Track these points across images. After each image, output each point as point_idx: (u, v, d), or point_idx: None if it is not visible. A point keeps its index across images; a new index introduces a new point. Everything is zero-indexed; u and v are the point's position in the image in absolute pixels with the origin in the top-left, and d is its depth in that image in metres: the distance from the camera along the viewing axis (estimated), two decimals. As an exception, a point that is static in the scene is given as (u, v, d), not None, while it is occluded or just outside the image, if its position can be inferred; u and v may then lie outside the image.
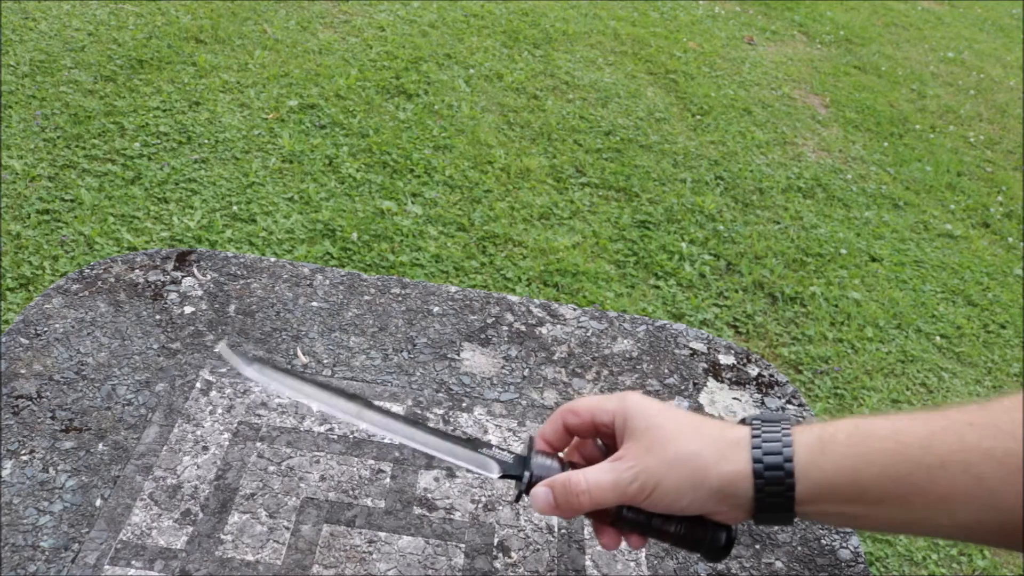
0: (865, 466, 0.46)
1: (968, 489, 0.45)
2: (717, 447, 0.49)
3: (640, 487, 0.49)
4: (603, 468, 0.51)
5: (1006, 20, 5.30)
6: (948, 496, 0.45)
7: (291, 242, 2.13)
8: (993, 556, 1.78)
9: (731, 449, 0.49)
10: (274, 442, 0.70)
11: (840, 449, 0.47)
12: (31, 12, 2.91)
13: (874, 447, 0.46)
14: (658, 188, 2.70)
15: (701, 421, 0.51)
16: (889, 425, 0.47)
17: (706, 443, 0.49)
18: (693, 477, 0.49)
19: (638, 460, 0.50)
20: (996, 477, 0.44)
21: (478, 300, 0.89)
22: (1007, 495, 0.44)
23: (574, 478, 0.51)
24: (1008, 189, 3.25)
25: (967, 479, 0.44)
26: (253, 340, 0.80)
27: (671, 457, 0.49)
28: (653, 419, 0.51)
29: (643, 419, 0.51)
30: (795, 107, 3.48)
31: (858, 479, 0.46)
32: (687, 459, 0.49)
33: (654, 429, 0.50)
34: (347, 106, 2.76)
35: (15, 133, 2.33)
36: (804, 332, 2.25)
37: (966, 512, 0.45)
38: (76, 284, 0.82)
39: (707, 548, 0.52)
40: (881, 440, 0.46)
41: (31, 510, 0.62)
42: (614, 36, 3.74)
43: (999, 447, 0.44)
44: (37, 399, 0.71)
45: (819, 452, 0.47)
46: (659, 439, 0.50)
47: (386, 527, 0.65)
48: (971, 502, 0.45)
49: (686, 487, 0.49)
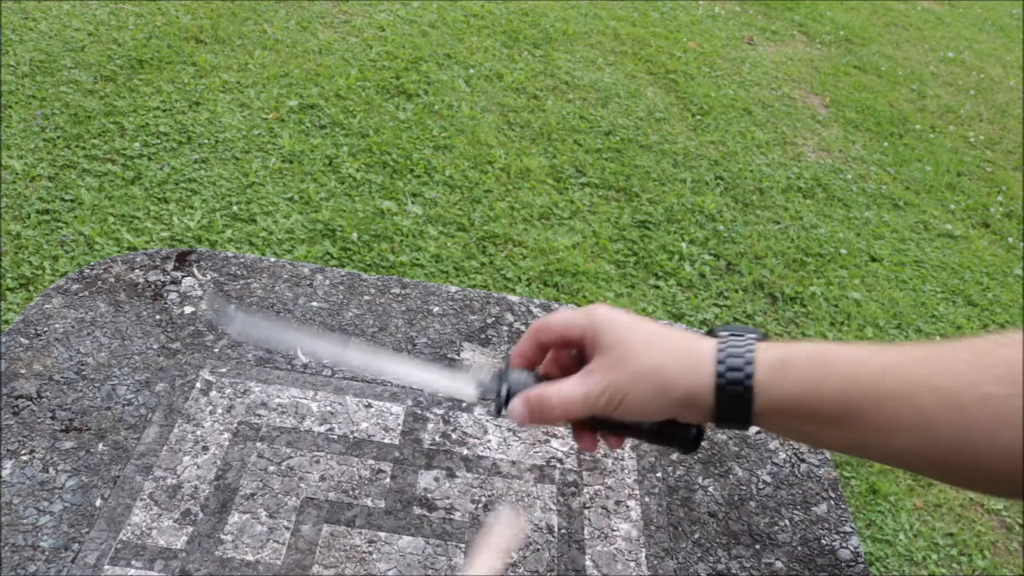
0: (819, 389, 0.50)
1: (910, 419, 0.48)
2: (683, 360, 0.52)
3: (608, 399, 0.53)
4: (574, 382, 0.54)
5: (1006, 20, 5.30)
6: (891, 423, 0.49)
7: (291, 242, 2.13)
8: (993, 556, 1.78)
9: (696, 362, 0.52)
10: (274, 442, 0.70)
11: (798, 372, 0.51)
12: (31, 12, 2.91)
13: (830, 372, 0.50)
14: (658, 188, 2.70)
15: (668, 333, 0.54)
16: (848, 354, 0.51)
17: (672, 356, 0.52)
18: (658, 389, 0.52)
19: (606, 374, 0.53)
20: (935, 408, 0.48)
21: (478, 300, 0.89)
22: (944, 429, 0.48)
23: (547, 391, 0.54)
24: (1008, 189, 3.25)
25: (910, 410, 0.48)
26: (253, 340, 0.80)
27: (637, 370, 0.52)
28: (621, 333, 0.53)
29: (611, 333, 0.54)
30: (795, 107, 3.48)
31: (811, 401, 0.50)
32: (653, 372, 0.52)
33: (622, 344, 0.53)
34: (347, 106, 2.76)
35: (15, 133, 2.33)
36: (804, 332, 2.25)
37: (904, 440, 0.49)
38: (76, 284, 0.82)
39: (679, 442, 0.56)
40: (838, 367, 0.50)
41: (31, 510, 0.62)
42: (614, 36, 3.74)
43: (943, 383, 0.48)
44: (37, 399, 0.71)
45: (779, 371, 0.51)
46: (627, 354, 0.53)
47: (386, 527, 0.65)
48: (911, 431, 0.49)
49: (651, 398, 0.52)
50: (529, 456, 0.73)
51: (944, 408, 0.48)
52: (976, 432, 0.48)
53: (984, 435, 0.47)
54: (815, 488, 0.75)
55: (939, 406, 0.48)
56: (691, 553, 0.67)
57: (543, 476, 0.71)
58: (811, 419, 0.52)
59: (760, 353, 0.52)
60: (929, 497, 1.88)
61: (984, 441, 0.47)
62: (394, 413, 0.75)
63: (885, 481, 1.88)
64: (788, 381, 0.51)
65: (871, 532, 1.77)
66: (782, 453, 0.78)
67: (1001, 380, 0.47)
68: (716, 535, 0.69)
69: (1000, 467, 0.48)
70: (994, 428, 0.47)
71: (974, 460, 0.48)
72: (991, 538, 1.82)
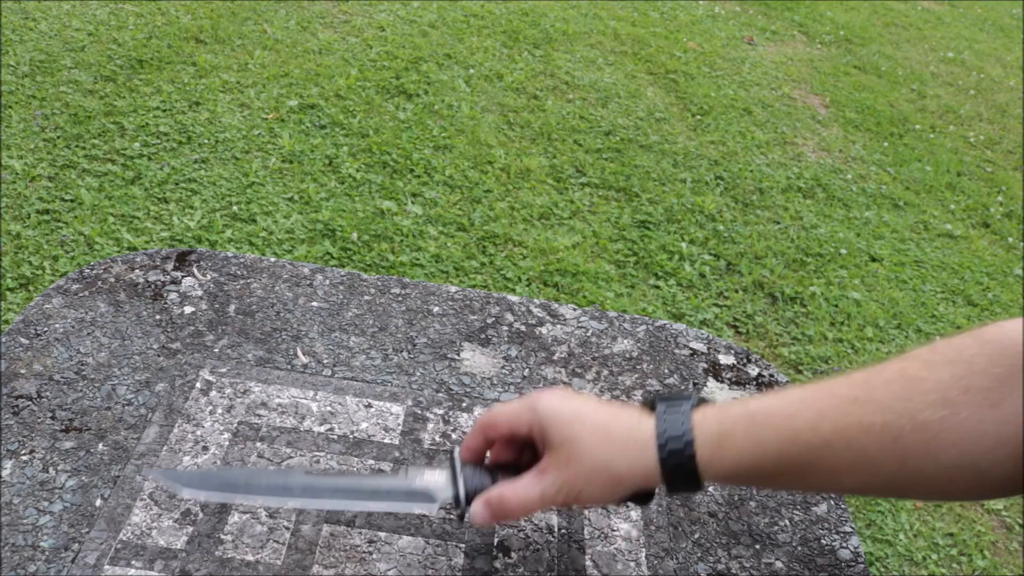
0: (760, 455, 0.53)
1: (852, 461, 0.51)
2: (628, 451, 0.55)
3: (565, 497, 0.56)
4: (530, 481, 0.57)
5: (1006, 20, 5.30)
6: (835, 469, 0.52)
7: (291, 242, 2.13)
8: (993, 556, 1.78)
9: (640, 450, 0.54)
10: (274, 442, 0.70)
11: (737, 442, 0.53)
12: (31, 12, 2.91)
13: (768, 436, 0.52)
14: (658, 188, 2.70)
15: (611, 422, 0.56)
16: (781, 410, 0.53)
17: (618, 449, 0.55)
18: (610, 483, 0.55)
19: (560, 472, 0.56)
20: (876, 448, 0.50)
21: (478, 300, 0.89)
22: (887, 463, 0.50)
23: (506, 494, 0.57)
24: (1008, 189, 3.25)
25: (850, 454, 0.51)
26: (253, 340, 0.80)
27: (589, 468, 0.55)
28: (568, 429, 0.56)
29: (558, 430, 0.56)
30: (795, 107, 3.48)
31: (753, 466, 0.53)
32: (604, 468, 0.55)
33: (571, 442, 0.55)
34: (347, 106, 2.76)
35: (15, 133, 2.33)
36: (804, 332, 2.25)
37: (852, 480, 0.52)
38: (76, 284, 0.82)
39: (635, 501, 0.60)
40: (774, 429, 0.52)
41: (31, 510, 0.62)
42: (614, 36, 3.74)
43: (878, 421, 0.50)
44: (37, 399, 0.71)
45: (718, 446, 0.53)
46: (576, 452, 0.55)
47: (386, 527, 0.65)
48: (856, 472, 0.51)
49: (605, 491, 0.56)
50: (529, 456, 0.72)
51: (883, 445, 0.50)
52: (918, 459, 0.49)
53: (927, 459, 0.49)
54: (815, 488, 0.75)
55: (878, 444, 0.50)
56: (691, 553, 0.67)
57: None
58: (758, 478, 0.56)
59: (698, 429, 0.54)
60: (929, 497, 1.88)
61: (928, 464, 0.49)
62: (394, 413, 0.75)
63: (885, 481, 1.88)
64: (729, 454, 0.53)
65: (871, 532, 1.77)
66: (782, 453, 0.78)
67: (934, 404, 0.49)
68: (716, 535, 0.69)
69: (949, 482, 0.50)
70: (935, 451, 0.49)
71: (922, 481, 0.51)
72: (991, 538, 1.82)
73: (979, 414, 0.48)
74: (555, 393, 0.59)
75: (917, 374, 0.50)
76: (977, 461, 0.49)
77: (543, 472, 0.56)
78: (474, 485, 0.58)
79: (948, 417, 0.48)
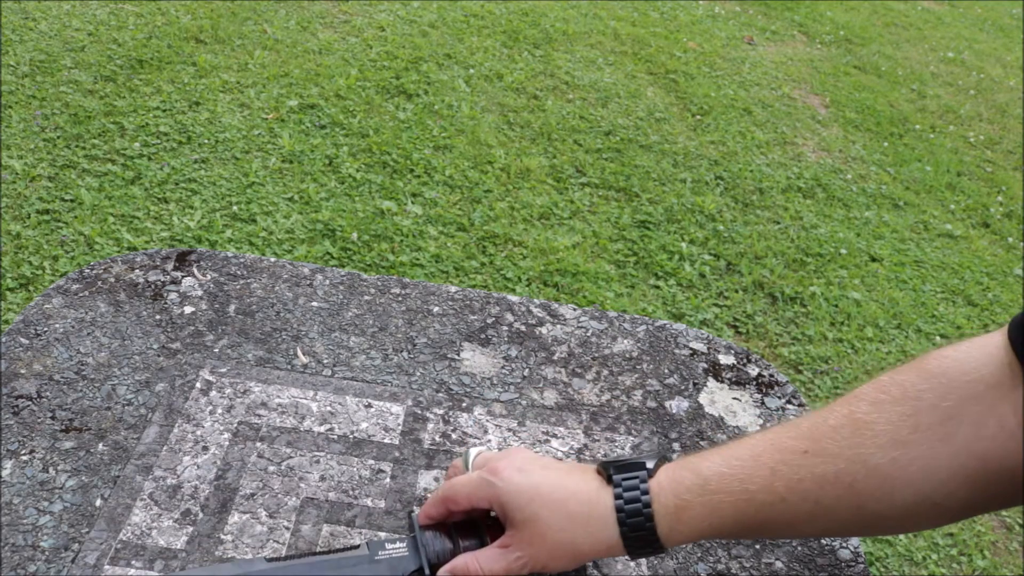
0: (719, 520, 0.54)
1: (809, 512, 0.52)
2: (589, 530, 0.56)
3: (529, 571, 0.57)
4: (494, 556, 0.58)
5: (1006, 20, 5.30)
6: (792, 522, 0.53)
7: (291, 242, 2.13)
8: (993, 556, 1.78)
9: (602, 527, 0.56)
10: (274, 442, 0.70)
11: (694, 513, 0.54)
12: (31, 12, 2.91)
13: (724, 502, 0.53)
14: (658, 188, 2.70)
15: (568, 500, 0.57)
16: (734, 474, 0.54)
17: (579, 528, 0.56)
18: (574, 558, 0.57)
19: (523, 550, 0.57)
20: (831, 498, 0.51)
21: (478, 300, 0.89)
22: (843, 509, 0.51)
23: (470, 565, 0.58)
24: (1008, 189, 3.25)
25: (807, 506, 0.52)
26: (253, 340, 0.80)
27: (551, 547, 0.56)
28: (527, 509, 0.57)
29: (519, 510, 0.57)
30: (795, 107, 3.48)
31: (714, 530, 0.55)
32: (566, 546, 0.56)
33: (530, 522, 0.56)
34: (347, 106, 2.76)
35: (15, 133, 2.33)
36: (804, 332, 2.25)
37: (811, 529, 0.54)
38: (76, 284, 0.83)
39: None
40: (728, 493, 0.53)
41: (31, 510, 0.62)
42: (614, 36, 3.74)
43: (831, 471, 0.51)
44: (37, 399, 0.71)
45: (676, 519, 0.54)
46: (537, 532, 0.56)
47: (386, 527, 0.65)
48: (814, 521, 0.52)
49: (570, 563, 0.57)
50: (529, 456, 0.72)
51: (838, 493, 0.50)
52: (874, 502, 0.50)
53: (882, 501, 0.50)
54: (815, 488, 0.75)
55: (833, 494, 0.51)
56: (691, 553, 0.67)
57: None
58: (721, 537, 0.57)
59: (656, 503, 0.55)
60: (929, 497, 1.88)
61: (884, 506, 0.50)
62: (394, 413, 0.75)
63: (885, 481, 1.88)
64: (687, 523, 0.54)
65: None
66: (782, 453, 0.78)
67: (884, 447, 0.49)
68: (716, 535, 0.69)
69: (906, 519, 0.51)
70: (889, 493, 0.50)
71: (880, 521, 0.51)
72: (991, 538, 1.82)
73: (931, 451, 0.48)
74: (513, 464, 0.59)
75: (865, 417, 0.51)
76: (931, 495, 0.49)
77: (506, 547, 0.57)
78: (435, 551, 0.59)
79: (900, 458, 0.49)
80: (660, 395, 0.82)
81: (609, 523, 0.55)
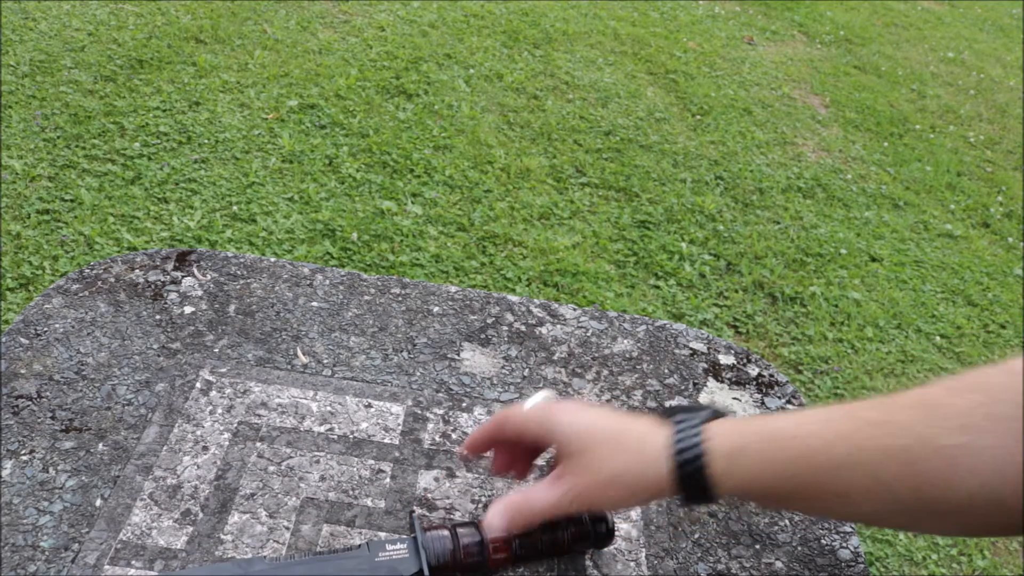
0: (773, 473, 0.52)
1: (866, 486, 0.50)
2: (642, 462, 0.55)
3: (579, 505, 0.57)
4: (545, 489, 0.58)
5: (1006, 20, 5.30)
6: (848, 492, 0.50)
7: (291, 242, 2.13)
8: (993, 556, 1.78)
9: (653, 463, 0.55)
10: (274, 442, 0.70)
11: (750, 459, 0.53)
12: (31, 12, 2.91)
13: (779, 456, 0.52)
14: (658, 188, 2.70)
15: (624, 433, 0.57)
16: (796, 429, 0.52)
17: (631, 459, 0.56)
18: (625, 492, 0.56)
19: (575, 481, 0.57)
20: (891, 473, 0.49)
21: (478, 300, 0.89)
22: (902, 489, 0.49)
23: (523, 501, 0.58)
24: (1008, 189, 3.25)
25: (865, 478, 0.49)
26: (253, 340, 0.80)
27: (604, 479, 0.56)
28: (582, 440, 0.57)
29: (572, 442, 0.57)
30: (795, 107, 3.48)
31: (766, 484, 0.53)
32: (617, 478, 0.56)
33: (584, 452, 0.56)
34: (347, 106, 2.76)
35: (15, 133, 2.33)
36: (804, 332, 2.25)
37: (868, 505, 0.51)
38: (76, 284, 0.83)
39: (593, 541, 0.63)
40: (787, 448, 0.52)
41: (31, 510, 0.62)
42: (614, 36, 3.74)
43: (896, 444, 0.49)
44: (37, 399, 0.71)
45: (731, 462, 0.53)
46: (591, 463, 0.56)
47: (386, 527, 0.65)
48: (870, 497, 0.50)
49: (620, 500, 0.57)
50: (529, 456, 0.72)
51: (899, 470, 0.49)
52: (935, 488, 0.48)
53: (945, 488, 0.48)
54: (815, 488, 0.75)
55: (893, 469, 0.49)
56: (691, 553, 0.67)
57: (543, 476, 0.71)
58: (771, 497, 0.55)
59: (711, 442, 0.54)
60: (929, 497, 1.88)
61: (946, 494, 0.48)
62: (394, 413, 0.75)
63: (885, 481, 1.88)
64: (741, 469, 0.53)
65: (871, 532, 1.77)
66: (782, 453, 0.78)
67: (954, 431, 0.47)
68: (716, 535, 0.69)
69: (967, 513, 0.48)
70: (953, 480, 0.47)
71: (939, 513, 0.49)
72: (991, 538, 1.82)
73: (1002, 442, 0.46)
74: (572, 404, 0.60)
75: (937, 400, 0.49)
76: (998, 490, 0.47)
77: (559, 479, 0.57)
78: (436, 552, 0.59)
79: (968, 444, 0.47)
80: (660, 395, 0.82)
81: (661, 458, 0.55)
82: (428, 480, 0.69)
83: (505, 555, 0.60)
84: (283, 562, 0.59)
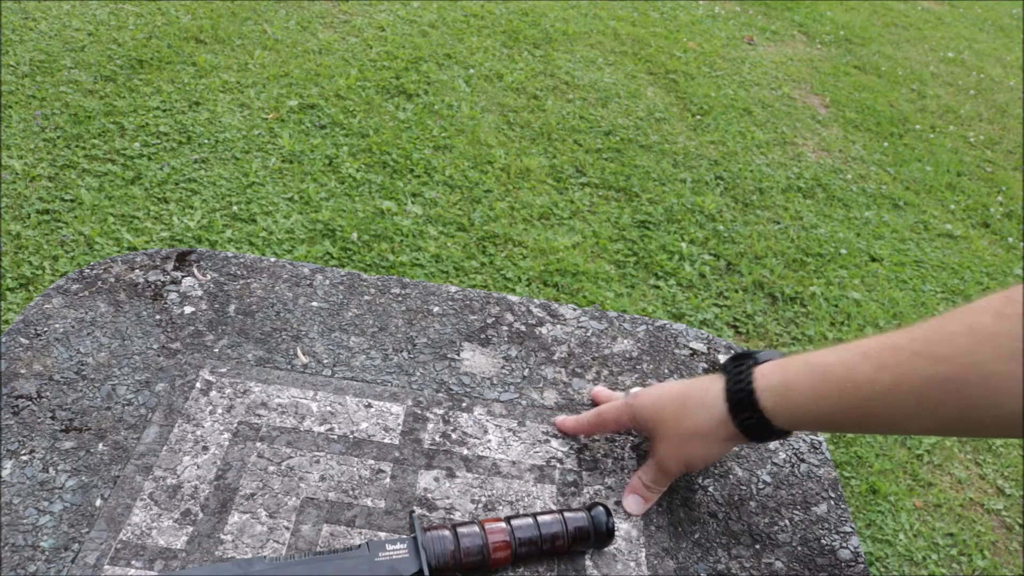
0: (821, 406, 0.57)
1: (911, 412, 0.53)
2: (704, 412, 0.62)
3: (676, 466, 0.66)
4: (647, 466, 0.68)
5: (1006, 20, 5.30)
6: (894, 418, 0.54)
7: (291, 242, 2.13)
8: (993, 556, 1.78)
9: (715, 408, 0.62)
10: (274, 442, 0.70)
11: (799, 392, 0.58)
12: (31, 12, 2.91)
13: (828, 387, 0.56)
14: (658, 188, 2.70)
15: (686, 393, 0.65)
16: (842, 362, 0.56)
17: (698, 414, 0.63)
18: (704, 443, 0.64)
19: (664, 451, 0.66)
20: (935, 400, 0.52)
21: (478, 300, 0.89)
22: (947, 412, 0.52)
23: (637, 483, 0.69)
24: (1008, 189, 3.25)
25: (910, 405, 0.53)
26: (253, 340, 0.80)
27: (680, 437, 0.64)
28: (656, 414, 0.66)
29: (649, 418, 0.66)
30: (795, 107, 3.48)
31: (816, 415, 0.57)
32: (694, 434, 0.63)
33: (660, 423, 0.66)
34: (347, 106, 2.76)
35: (15, 133, 2.33)
36: (804, 332, 2.25)
37: (912, 427, 0.55)
38: (76, 284, 0.82)
39: (593, 541, 0.64)
40: (834, 380, 0.56)
41: (31, 510, 0.62)
42: (614, 36, 3.74)
43: (940, 373, 0.51)
44: (37, 399, 0.71)
45: (781, 397, 0.58)
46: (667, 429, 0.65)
47: (386, 527, 0.65)
48: (915, 420, 0.54)
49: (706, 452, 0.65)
50: (529, 456, 0.73)
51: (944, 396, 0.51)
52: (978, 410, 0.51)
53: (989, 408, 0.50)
54: (815, 488, 0.75)
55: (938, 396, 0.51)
56: (691, 553, 0.67)
57: (543, 476, 0.71)
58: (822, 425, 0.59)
59: (760, 381, 0.60)
60: (929, 497, 1.88)
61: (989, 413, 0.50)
62: (394, 413, 0.75)
63: (885, 481, 1.88)
64: (792, 402, 0.58)
65: (871, 532, 1.77)
66: (782, 453, 0.78)
67: (1000, 358, 0.49)
68: (716, 535, 0.69)
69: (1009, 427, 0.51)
70: (997, 401, 0.50)
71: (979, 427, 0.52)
72: (991, 538, 1.82)
73: None
74: (645, 388, 0.69)
75: (987, 329, 0.50)
76: None
77: (653, 454, 0.66)
78: (436, 552, 0.60)
79: (1017, 370, 0.48)
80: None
81: (719, 402, 0.61)
82: (428, 480, 0.69)
83: (505, 555, 0.61)
84: (283, 562, 0.59)
